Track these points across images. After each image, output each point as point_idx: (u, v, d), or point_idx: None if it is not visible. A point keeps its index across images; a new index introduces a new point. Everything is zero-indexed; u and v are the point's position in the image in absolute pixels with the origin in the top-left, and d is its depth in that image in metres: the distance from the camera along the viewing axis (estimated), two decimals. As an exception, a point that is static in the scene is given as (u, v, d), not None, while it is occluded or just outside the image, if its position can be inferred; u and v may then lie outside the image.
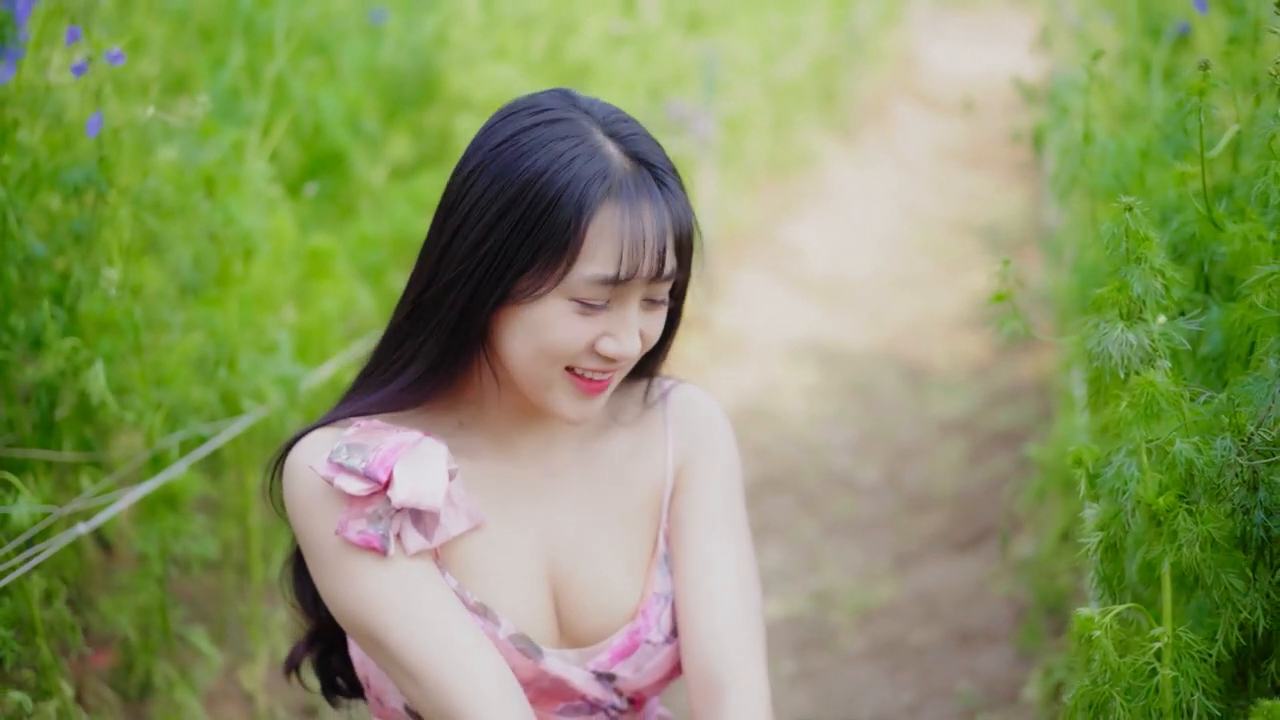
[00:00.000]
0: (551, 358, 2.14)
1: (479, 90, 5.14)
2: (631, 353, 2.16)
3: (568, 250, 2.09)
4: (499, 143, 2.16)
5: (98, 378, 3.00)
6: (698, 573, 2.33)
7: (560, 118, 2.16)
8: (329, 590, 2.17)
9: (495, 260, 2.11)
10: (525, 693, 2.24)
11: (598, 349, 2.15)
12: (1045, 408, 5.97)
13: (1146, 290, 2.29)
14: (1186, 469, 2.22)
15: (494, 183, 2.13)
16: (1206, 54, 4.42)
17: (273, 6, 4.13)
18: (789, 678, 4.26)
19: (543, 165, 2.11)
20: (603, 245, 2.10)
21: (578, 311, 2.12)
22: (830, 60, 11.98)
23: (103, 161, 3.10)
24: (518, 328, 2.14)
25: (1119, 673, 2.22)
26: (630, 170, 2.13)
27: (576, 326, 2.13)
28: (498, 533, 2.27)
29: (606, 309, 2.14)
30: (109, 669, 3.42)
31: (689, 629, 2.31)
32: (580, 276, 2.10)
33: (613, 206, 2.11)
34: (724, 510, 2.40)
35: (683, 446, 2.42)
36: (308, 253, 3.77)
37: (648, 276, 2.13)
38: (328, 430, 2.21)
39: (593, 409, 2.22)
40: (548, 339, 2.13)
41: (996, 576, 4.70)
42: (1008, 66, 13.57)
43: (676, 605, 2.34)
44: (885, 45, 15.52)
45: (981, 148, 12.52)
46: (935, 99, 14.63)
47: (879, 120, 13.14)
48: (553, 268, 2.10)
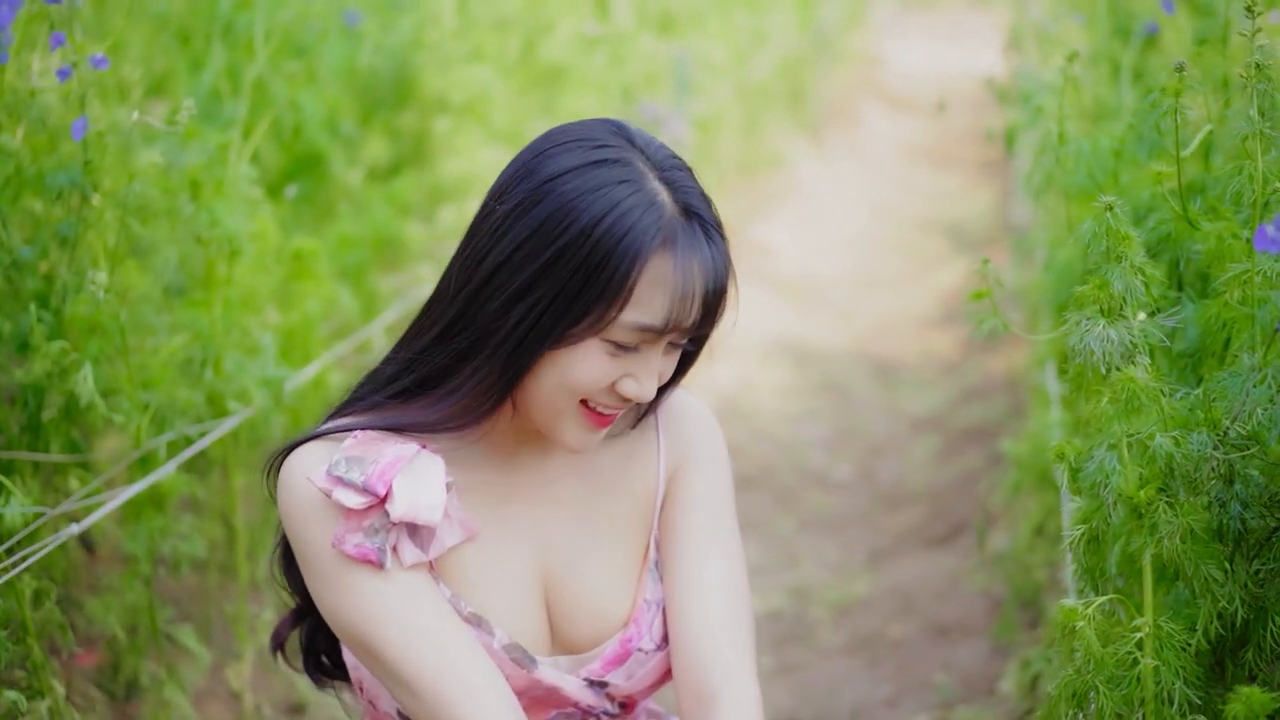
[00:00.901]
0: (572, 392, 2.14)
1: (456, 92, 5.16)
2: (648, 397, 2.16)
3: (619, 300, 2.08)
4: (553, 176, 2.11)
5: (86, 380, 3.01)
6: (687, 579, 2.33)
7: (617, 158, 2.13)
8: (325, 602, 2.18)
9: (549, 308, 2.09)
10: (518, 701, 2.25)
11: (618, 388, 2.15)
12: (1016, 404, 6.02)
13: (1127, 288, 2.33)
14: (1166, 463, 2.26)
15: (549, 219, 2.09)
16: (1174, 54, 4.50)
17: (252, 9, 4.14)
18: (768, 672, 4.29)
19: (599, 211, 2.08)
20: (653, 295, 2.09)
21: (608, 353, 2.12)
22: (797, 61, 12.03)
23: (88, 165, 3.11)
24: (546, 362, 2.14)
25: (1102, 662, 2.26)
26: (682, 222, 2.12)
27: (603, 367, 2.13)
28: (492, 543, 2.27)
29: (635, 351, 2.14)
30: (95, 669, 3.43)
31: (679, 635, 2.30)
32: (624, 323, 2.09)
33: (665, 258, 2.10)
34: (714, 516, 2.40)
35: (674, 453, 2.42)
36: (291, 254, 3.79)
37: (689, 328, 2.14)
38: (326, 441, 2.20)
39: (595, 440, 2.22)
40: (573, 376, 2.12)
41: (971, 571, 4.75)
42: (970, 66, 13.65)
43: (667, 611, 2.34)
44: (850, 46, 15.59)
45: (946, 147, 12.59)
46: (900, 98, 14.70)
47: (845, 120, 13.21)
48: (603, 316, 2.09)
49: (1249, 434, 2.24)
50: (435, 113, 5.37)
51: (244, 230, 3.37)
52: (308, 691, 3.77)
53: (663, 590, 2.36)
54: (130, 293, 3.23)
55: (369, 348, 4.43)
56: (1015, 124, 4.74)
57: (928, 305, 8.11)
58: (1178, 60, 2.52)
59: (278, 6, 4.30)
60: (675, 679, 2.32)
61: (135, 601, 3.37)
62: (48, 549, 2.84)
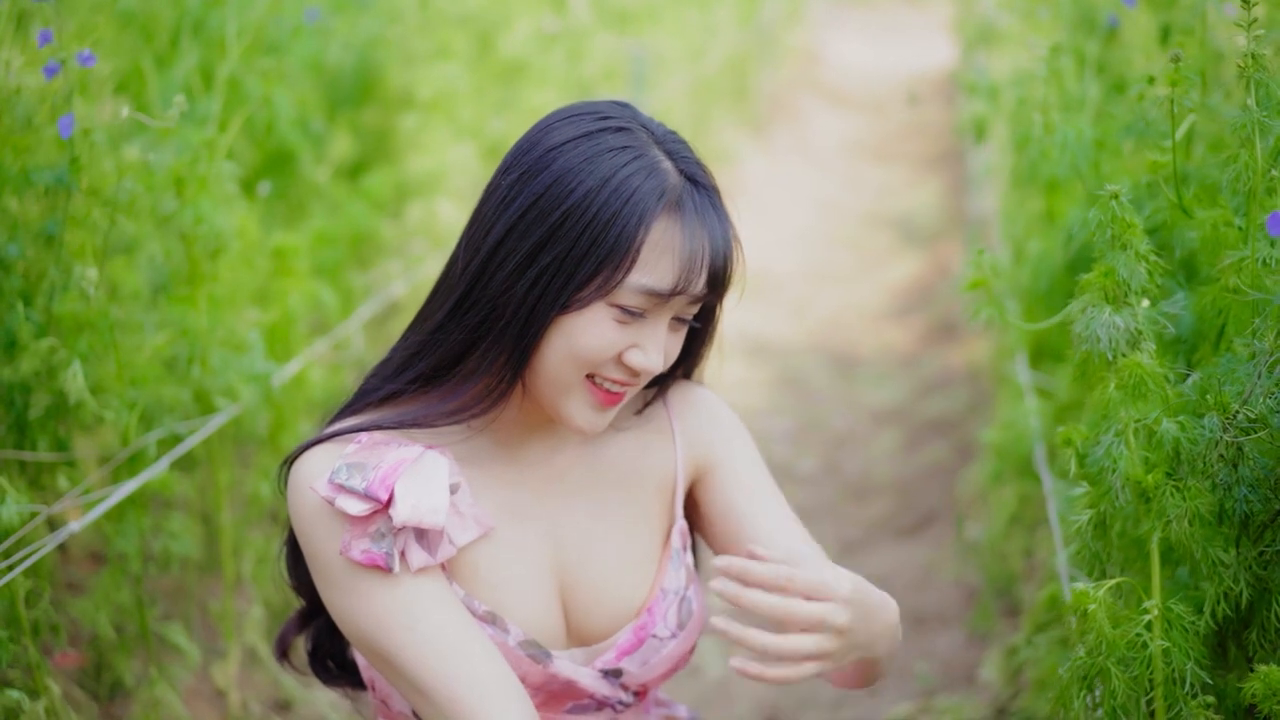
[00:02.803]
0: (578, 363, 2.15)
1: (423, 88, 5.16)
2: (655, 367, 2.17)
3: (625, 262, 2.11)
4: (558, 144, 2.15)
5: (76, 377, 3.00)
6: (754, 529, 2.35)
7: (621, 127, 2.17)
8: (337, 609, 2.17)
9: (557, 272, 2.11)
10: (534, 697, 2.26)
11: (624, 359, 2.16)
12: (977, 395, 6.06)
13: (1131, 275, 2.36)
14: (1173, 447, 2.30)
15: (555, 184, 2.12)
16: (1135, 48, 4.55)
17: (224, 6, 4.12)
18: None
19: (604, 174, 2.12)
20: (659, 258, 2.12)
21: (616, 319, 2.13)
22: (740, 57, 12.07)
23: (74, 162, 3.09)
24: (555, 333, 2.15)
25: (1113, 644, 2.29)
26: (688, 187, 2.16)
27: (610, 334, 2.13)
28: (505, 539, 2.27)
29: (641, 320, 2.15)
30: (77, 669, 3.41)
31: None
32: (631, 286, 2.11)
33: (670, 221, 2.13)
34: (759, 481, 2.42)
35: (694, 440, 2.43)
36: (272, 251, 3.78)
37: (697, 293, 2.16)
38: (332, 444, 2.20)
39: (603, 421, 2.22)
40: (580, 343, 2.13)
41: (943, 560, 4.78)
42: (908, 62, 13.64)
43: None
44: (790, 42, 15.64)
45: (888, 142, 12.66)
46: (839, 94, 14.77)
47: (787, 116, 13.25)
48: (610, 278, 2.11)
49: (1256, 417, 2.27)
50: (399, 109, 5.36)
51: (229, 227, 3.36)
52: (294, 689, 3.76)
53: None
54: (119, 290, 3.21)
55: (347, 345, 4.43)
56: (983, 116, 4.77)
57: (881, 299, 8.16)
58: (1174, 51, 2.55)
59: (247, 4, 4.28)
60: None
61: (123, 601, 3.35)
62: (48, 548, 2.82)
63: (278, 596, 3.82)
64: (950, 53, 15.48)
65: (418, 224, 5.24)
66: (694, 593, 2.41)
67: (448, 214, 5.28)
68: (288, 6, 4.73)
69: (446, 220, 5.28)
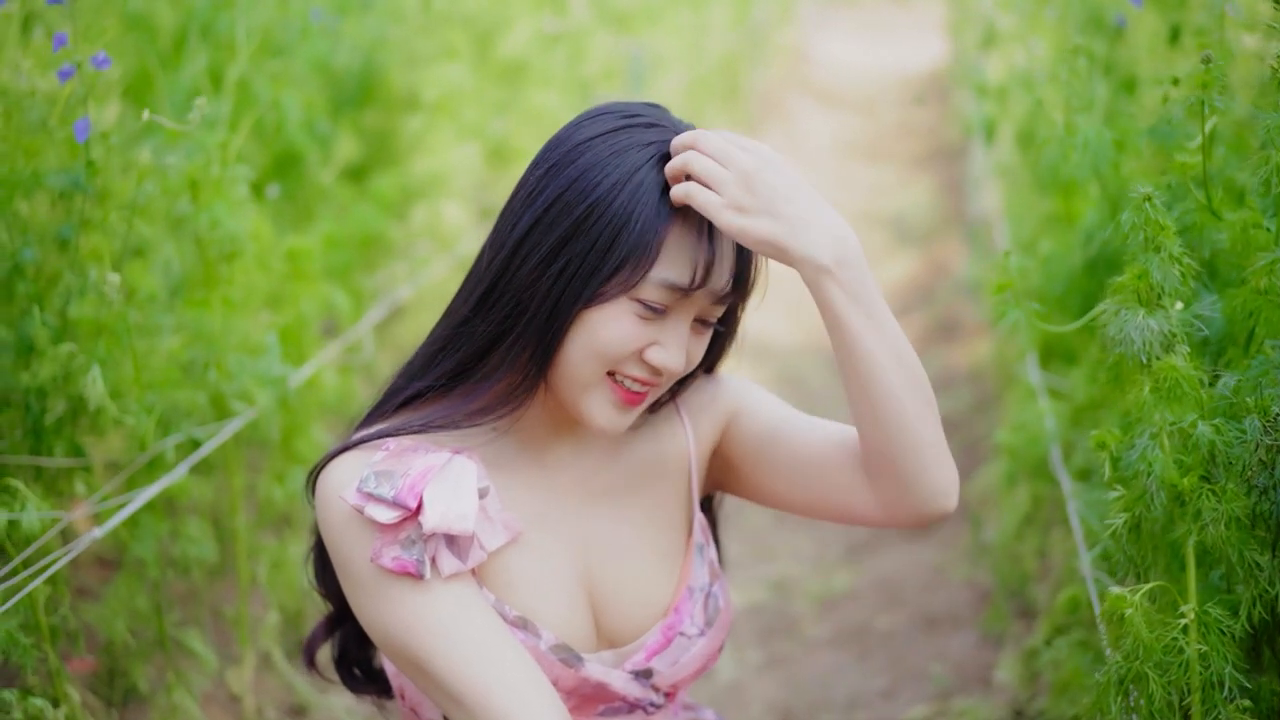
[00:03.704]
0: (600, 359, 2.14)
1: (428, 89, 5.14)
2: (676, 367, 2.17)
3: (648, 256, 2.11)
4: (588, 138, 2.16)
5: (96, 382, 2.98)
6: (793, 429, 2.36)
7: (651, 123, 2.19)
8: (368, 617, 2.17)
9: (581, 265, 2.11)
10: (566, 701, 2.25)
11: (645, 357, 2.16)
12: (980, 396, 6.05)
13: (1165, 277, 2.36)
14: (1208, 450, 2.29)
15: (581, 177, 2.13)
16: (1141, 48, 4.55)
17: (233, 8, 4.10)
18: (756, 665, 4.30)
19: (630, 167, 2.13)
20: (680, 252, 2.12)
21: (638, 314, 2.13)
22: (732, 56, 12.07)
23: (90, 166, 3.07)
24: (578, 329, 2.14)
25: (1150, 648, 2.28)
26: None
27: (632, 330, 2.13)
28: (534, 543, 2.26)
29: (663, 317, 2.15)
30: (90, 674, 3.39)
31: (821, 454, 2.33)
32: (653, 280, 2.11)
33: (693, 216, 2.14)
34: (783, 406, 2.43)
35: (703, 410, 2.43)
36: (285, 254, 3.76)
37: (720, 290, 2.16)
38: (360, 452, 2.20)
39: (625, 421, 2.21)
40: (602, 338, 2.13)
41: (953, 562, 4.78)
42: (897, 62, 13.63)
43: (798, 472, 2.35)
44: (780, 42, 15.65)
45: (878, 141, 12.66)
46: (828, 94, 14.77)
47: (778, 115, 13.25)
48: (633, 273, 2.11)
49: (1293, 420, 2.27)
50: (402, 110, 5.34)
51: (242, 231, 3.34)
52: (308, 694, 3.75)
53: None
54: (134, 294, 3.19)
55: (359, 348, 4.42)
56: (992, 116, 4.77)
57: (876, 298, 8.10)
58: (1205, 52, 2.54)
59: (254, 6, 4.26)
60: (836, 464, 2.32)
61: (139, 606, 3.33)
62: (71, 554, 2.81)
63: (292, 601, 3.81)
64: (939, 52, 15.51)
65: (423, 226, 5.22)
66: (719, 589, 2.42)
67: (453, 216, 5.27)
68: (293, 8, 4.72)
69: (452, 222, 5.27)
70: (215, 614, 3.85)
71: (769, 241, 2.08)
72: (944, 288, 7.69)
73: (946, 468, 2.23)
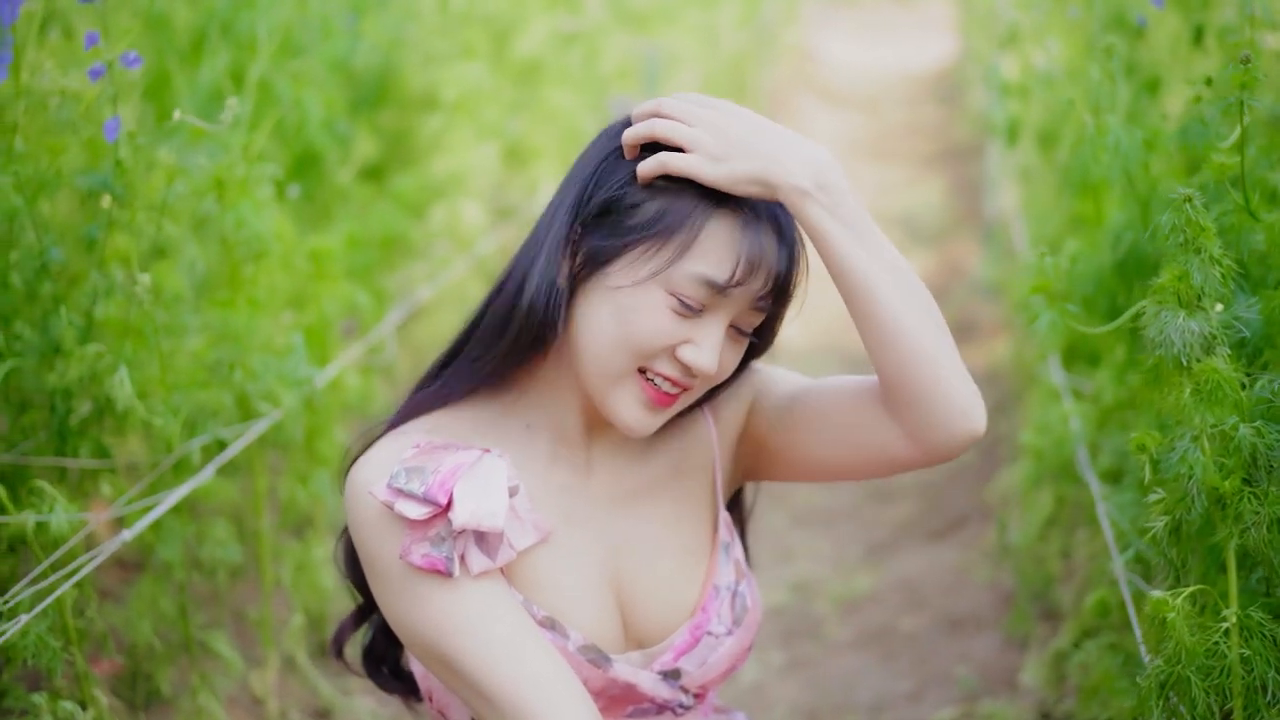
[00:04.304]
0: (631, 349, 2.13)
1: (448, 89, 5.12)
2: (708, 368, 2.14)
3: (679, 240, 2.11)
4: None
5: (123, 383, 2.96)
6: (819, 389, 2.35)
7: None
8: (395, 614, 2.16)
9: (612, 206, 2.16)
10: (595, 702, 2.23)
11: (678, 355, 2.14)
12: (999, 396, 6.03)
13: (1205, 279, 2.34)
14: (1250, 453, 2.28)
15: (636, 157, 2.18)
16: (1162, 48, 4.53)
17: (254, 8, 4.09)
18: (779, 667, 4.29)
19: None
20: (718, 249, 2.11)
21: (671, 308, 2.11)
22: (741, 56, 12.07)
23: (118, 166, 3.06)
24: (606, 310, 2.14)
25: (1192, 652, 2.27)
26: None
27: (665, 323, 2.12)
28: (563, 543, 2.26)
29: (698, 317, 2.14)
30: (113, 677, 3.38)
31: (843, 403, 2.30)
32: (686, 272, 2.10)
33: (735, 215, 2.13)
34: (801, 377, 2.42)
35: (725, 400, 2.41)
36: (309, 254, 3.75)
37: (758, 292, 2.15)
38: (389, 446, 2.19)
39: (652, 422, 2.20)
40: (633, 326, 2.12)
41: (974, 563, 4.77)
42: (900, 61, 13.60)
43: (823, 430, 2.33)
44: (786, 41, 15.65)
45: (883, 141, 12.65)
46: (834, 93, 14.77)
47: (785, 115, 13.23)
48: (660, 253, 2.11)
49: (1336, 423, 2.25)
50: (419, 110, 5.33)
51: (268, 231, 3.33)
52: (333, 696, 3.73)
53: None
54: (163, 294, 3.18)
55: (381, 348, 4.40)
56: (1016, 116, 4.75)
57: (889, 298, 8.09)
58: (1244, 52, 2.53)
59: (274, 4, 4.25)
60: (856, 402, 2.29)
61: (164, 609, 3.31)
62: (101, 557, 2.79)
63: (316, 604, 3.80)
64: (944, 52, 15.50)
65: (441, 226, 5.21)
66: (746, 588, 2.40)
67: (472, 216, 5.26)
68: (311, 7, 4.70)
69: (470, 222, 5.26)
70: (237, 616, 3.84)
71: (753, 178, 2.10)
72: (959, 288, 7.67)
73: (965, 385, 2.20)
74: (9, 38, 3.02)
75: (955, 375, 2.19)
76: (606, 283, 2.14)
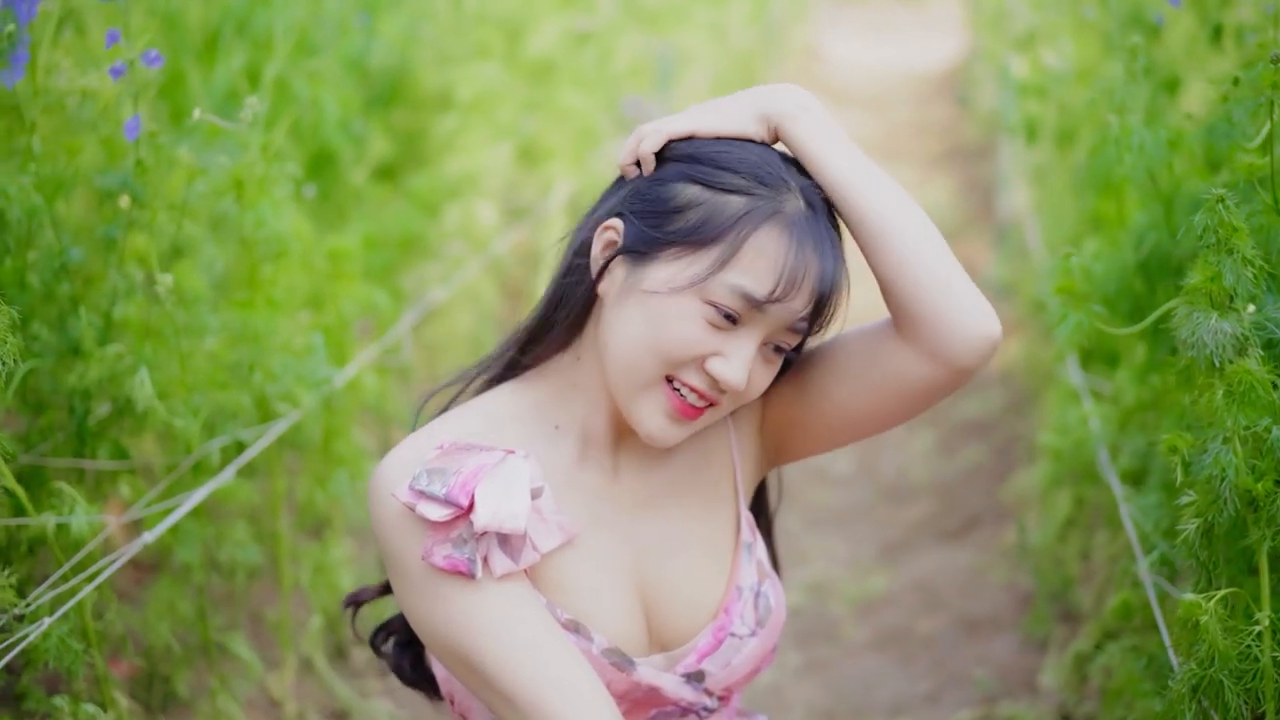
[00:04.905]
0: (660, 356, 2.12)
1: (463, 88, 5.11)
2: (736, 383, 2.13)
3: (719, 250, 2.10)
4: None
5: (144, 384, 2.95)
6: (840, 341, 2.34)
7: (767, 152, 2.21)
8: (417, 616, 2.16)
9: (655, 209, 2.17)
10: (619, 705, 2.22)
11: (706, 366, 2.13)
12: (1013, 396, 6.02)
13: (1238, 280, 2.33)
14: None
15: (686, 161, 2.19)
16: (1178, 47, 4.51)
17: (271, 6, 4.07)
18: (796, 669, 4.27)
19: (732, 163, 2.16)
20: (760, 263, 2.10)
21: (705, 318, 2.11)
22: (749, 55, 12.05)
23: (139, 165, 3.05)
24: (639, 314, 2.13)
25: (1225, 656, 2.25)
26: (806, 213, 2.15)
27: (697, 332, 2.11)
28: (589, 545, 2.25)
29: (732, 330, 2.13)
30: (129, 679, 3.37)
31: (854, 345, 2.31)
32: (725, 283, 2.09)
33: (780, 231, 2.12)
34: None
35: (742, 405, 2.38)
36: (328, 253, 3.73)
37: (797, 311, 2.13)
38: (413, 445, 2.18)
39: (675, 434, 2.19)
40: (664, 332, 2.11)
41: (991, 564, 4.75)
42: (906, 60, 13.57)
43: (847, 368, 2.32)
44: (794, 40, 15.64)
45: (891, 140, 12.61)
46: (840, 92, 14.73)
47: (793, 114, 13.19)
48: (701, 261, 2.10)
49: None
50: (433, 109, 5.31)
51: (288, 230, 3.32)
52: (350, 698, 3.72)
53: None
54: (183, 295, 3.17)
55: (398, 349, 4.39)
56: (1034, 115, 4.74)
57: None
58: (1275, 52, 2.51)
59: (290, 3, 4.23)
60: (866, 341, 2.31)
61: (182, 610, 3.30)
62: (123, 559, 2.78)
63: (334, 605, 3.78)
64: (950, 51, 15.47)
65: (455, 226, 5.20)
66: (770, 589, 2.39)
67: (486, 216, 5.25)
68: (326, 6, 4.69)
69: (485, 222, 5.25)
70: (254, 618, 3.83)
71: (751, 113, 2.20)
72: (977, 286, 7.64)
73: (972, 290, 2.25)
74: (26, 37, 3.01)
75: (961, 278, 2.24)
76: (642, 285, 2.14)
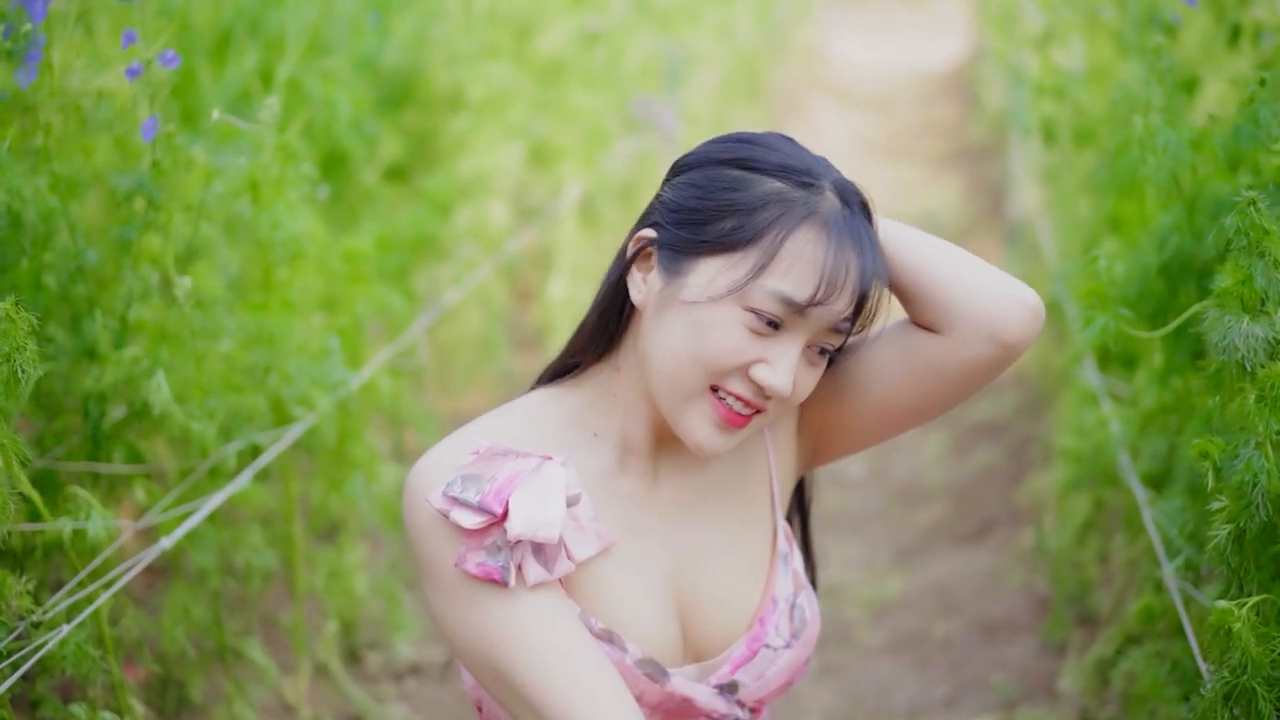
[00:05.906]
0: (703, 366, 2.09)
1: (475, 89, 5.09)
2: (781, 389, 2.10)
3: (757, 255, 2.08)
4: (737, 139, 2.21)
5: (161, 388, 2.93)
6: (861, 350, 2.34)
7: (797, 151, 2.20)
8: (449, 623, 2.13)
9: (689, 217, 2.15)
10: (650, 717, 2.22)
11: (750, 374, 2.10)
12: (1026, 398, 6.00)
13: (1270, 283, 2.31)
14: (1315, 460, 2.25)
15: (716, 166, 2.17)
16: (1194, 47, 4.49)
17: (282, 7, 4.05)
18: (811, 673, 4.24)
19: (764, 165, 2.14)
20: (799, 266, 2.08)
21: (747, 325, 2.08)
22: (755, 55, 12.04)
23: (155, 167, 3.03)
24: (680, 325, 2.10)
25: (1258, 663, 2.23)
26: (842, 211, 2.13)
27: (740, 340, 2.08)
28: (627, 554, 2.22)
29: (775, 336, 2.10)
30: (143, 685, 3.35)
31: (887, 340, 2.31)
32: (765, 289, 2.07)
33: (819, 233, 2.09)
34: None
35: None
36: (342, 255, 3.71)
37: (839, 313, 2.11)
38: (449, 449, 2.15)
39: (724, 443, 2.16)
40: (707, 342, 2.08)
41: (1007, 567, 4.72)
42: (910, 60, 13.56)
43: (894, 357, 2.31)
44: (798, 40, 15.64)
45: (897, 140, 12.61)
46: (846, 92, 14.73)
47: (798, 114, 13.20)
48: (739, 267, 2.08)
49: None
50: (443, 109, 5.29)
51: (303, 233, 3.30)
52: (365, 703, 3.70)
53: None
54: (200, 297, 3.15)
55: (413, 351, 4.37)
56: (1052, 116, 4.71)
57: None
58: (1306, 53, 2.49)
59: (303, 3, 4.21)
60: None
61: (197, 615, 3.28)
62: (141, 565, 2.76)
63: (349, 610, 3.76)
64: (955, 51, 15.47)
65: (467, 227, 5.17)
66: (805, 600, 2.36)
67: (498, 216, 5.23)
68: (338, 6, 4.67)
69: (497, 223, 5.23)
70: (268, 622, 3.81)
71: None
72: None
73: (1000, 274, 2.26)
74: (40, 37, 2.99)
75: (979, 262, 2.28)
76: (680, 296, 2.11)
